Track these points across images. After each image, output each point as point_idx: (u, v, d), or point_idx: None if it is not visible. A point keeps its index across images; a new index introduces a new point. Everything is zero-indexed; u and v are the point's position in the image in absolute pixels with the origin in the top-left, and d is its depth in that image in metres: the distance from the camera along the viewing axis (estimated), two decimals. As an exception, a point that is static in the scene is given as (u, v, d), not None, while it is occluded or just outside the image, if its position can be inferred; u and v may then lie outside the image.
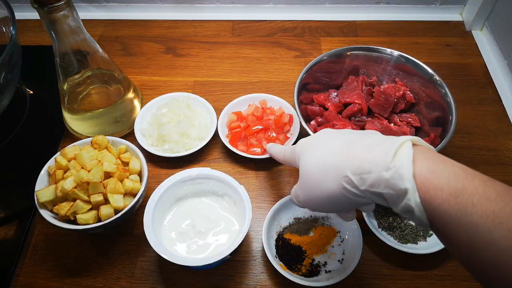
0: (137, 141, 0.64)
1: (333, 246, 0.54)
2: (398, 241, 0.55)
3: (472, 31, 0.84)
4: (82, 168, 0.52)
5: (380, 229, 0.56)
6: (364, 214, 0.55)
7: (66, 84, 0.63)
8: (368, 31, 0.85)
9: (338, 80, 0.69)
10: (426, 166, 0.30)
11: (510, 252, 0.25)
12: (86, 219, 0.50)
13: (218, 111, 0.68)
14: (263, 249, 0.52)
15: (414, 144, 0.32)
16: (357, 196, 0.34)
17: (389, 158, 0.31)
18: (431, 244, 0.54)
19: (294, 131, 0.65)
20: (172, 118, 0.66)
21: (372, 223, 0.55)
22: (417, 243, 0.54)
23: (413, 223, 0.56)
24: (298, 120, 0.65)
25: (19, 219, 0.59)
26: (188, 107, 0.68)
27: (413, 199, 0.30)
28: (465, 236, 0.27)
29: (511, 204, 0.26)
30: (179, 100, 0.69)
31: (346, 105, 0.65)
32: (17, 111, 0.71)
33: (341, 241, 0.55)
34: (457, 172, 0.29)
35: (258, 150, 0.63)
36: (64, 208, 0.50)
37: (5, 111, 0.66)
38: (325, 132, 0.41)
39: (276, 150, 0.51)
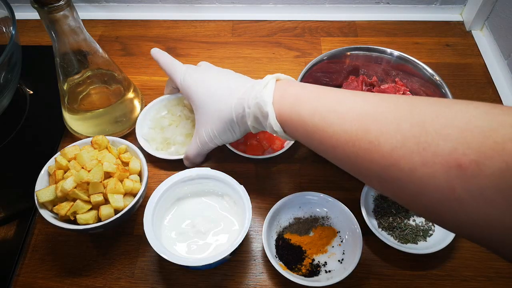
0: (140, 146, 0.63)
1: (333, 246, 0.55)
2: (398, 241, 0.55)
3: (472, 31, 0.85)
4: (82, 168, 0.52)
5: (380, 229, 0.56)
6: (364, 214, 0.55)
7: (66, 84, 0.63)
8: (368, 31, 0.85)
9: (338, 80, 0.69)
10: (279, 94, 0.44)
11: (325, 129, 0.38)
12: (86, 219, 0.50)
13: (218, 111, 0.67)
14: (263, 249, 0.52)
15: (278, 80, 0.47)
16: (244, 117, 0.48)
17: (260, 92, 0.45)
18: (431, 244, 0.54)
19: (294, 131, 0.65)
20: (173, 120, 0.66)
21: (372, 223, 0.55)
22: (417, 243, 0.54)
23: (413, 224, 0.56)
24: (298, 120, 0.65)
25: (19, 219, 0.59)
26: (187, 106, 0.68)
27: (272, 118, 0.43)
28: (302, 129, 0.41)
29: (323, 100, 0.39)
30: (176, 100, 0.68)
31: (346, 105, 0.65)
32: (17, 111, 0.71)
33: (341, 241, 0.55)
34: (297, 92, 0.43)
35: (258, 150, 0.63)
36: (64, 208, 0.50)
37: (5, 111, 0.66)
38: (209, 77, 0.55)
39: (164, 60, 0.61)
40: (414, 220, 0.57)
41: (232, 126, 0.50)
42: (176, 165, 0.63)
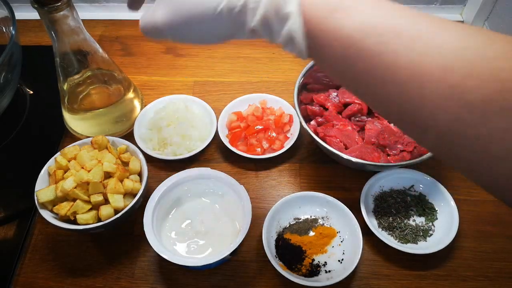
0: (138, 146, 0.63)
1: (333, 246, 0.55)
2: (398, 241, 0.55)
3: (472, 31, 0.84)
4: (82, 168, 0.53)
5: (380, 229, 0.56)
6: (364, 214, 0.55)
7: (66, 84, 0.63)
8: (368, 31, 0.85)
9: (338, 80, 0.69)
10: None
11: (380, 57, 0.26)
12: (86, 219, 0.50)
13: (218, 111, 0.68)
14: (263, 249, 0.52)
15: None
16: (240, 14, 0.31)
17: None
18: (431, 244, 0.54)
19: (294, 131, 0.66)
20: (172, 121, 0.66)
21: (372, 223, 0.55)
22: (417, 243, 0.54)
23: (413, 224, 0.56)
24: (298, 120, 0.65)
25: (19, 219, 0.59)
26: (186, 109, 0.68)
27: (296, 24, 0.29)
28: (340, 50, 0.28)
29: (380, 12, 0.27)
30: (175, 102, 0.69)
31: (346, 105, 0.65)
32: (17, 111, 0.71)
33: (341, 241, 0.55)
34: None
35: (258, 150, 0.63)
36: (64, 208, 0.50)
37: (5, 111, 0.66)
38: None
39: None
40: (414, 220, 0.57)
41: (212, 23, 0.32)
42: (176, 165, 0.63)
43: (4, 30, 0.66)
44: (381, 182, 0.59)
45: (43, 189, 0.52)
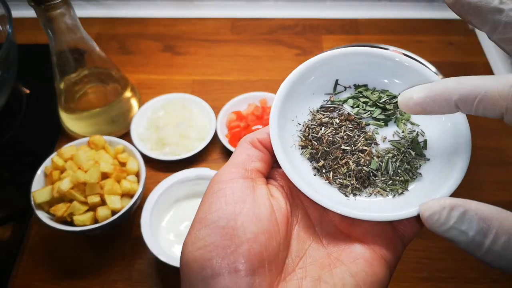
0: (135, 146, 0.62)
1: (334, 248, 0.54)
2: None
3: (476, 30, 0.84)
4: (79, 168, 0.52)
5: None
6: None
7: (62, 83, 0.62)
8: (370, 29, 0.84)
9: (339, 78, 0.68)
10: None
11: None
12: (83, 221, 0.50)
13: (217, 111, 0.67)
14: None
15: None
16: None
17: None
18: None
19: (295, 130, 0.65)
20: (170, 120, 0.65)
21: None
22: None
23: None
24: (298, 119, 0.64)
25: (16, 220, 0.58)
26: (185, 108, 0.67)
27: None
28: None
29: None
30: (173, 101, 0.68)
31: (347, 104, 0.64)
32: (13, 110, 0.70)
33: (342, 243, 0.54)
34: None
35: (258, 150, 0.62)
36: (60, 209, 0.50)
37: (1, 111, 0.65)
38: None
39: None
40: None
41: None
42: (174, 166, 0.62)
43: (0, 28, 0.65)
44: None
45: (39, 190, 0.51)
